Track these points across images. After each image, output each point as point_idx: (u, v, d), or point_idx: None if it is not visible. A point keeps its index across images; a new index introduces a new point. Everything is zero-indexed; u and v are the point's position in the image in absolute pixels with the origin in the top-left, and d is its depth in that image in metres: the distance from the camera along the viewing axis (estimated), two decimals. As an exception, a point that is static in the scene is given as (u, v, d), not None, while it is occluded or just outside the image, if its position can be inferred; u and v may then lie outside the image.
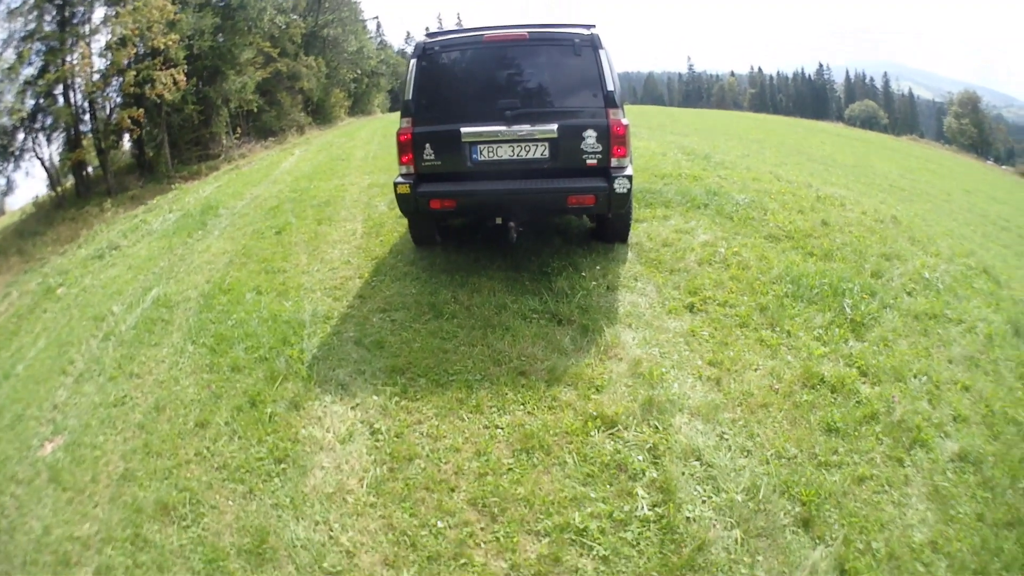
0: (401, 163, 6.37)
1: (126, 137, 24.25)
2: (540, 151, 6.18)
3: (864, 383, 4.87)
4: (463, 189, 6.26)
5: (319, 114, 39.92)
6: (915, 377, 4.97)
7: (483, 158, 6.23)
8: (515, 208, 6.42)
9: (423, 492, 3.95)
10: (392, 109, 55.85)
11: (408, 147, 6.30)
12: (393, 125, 24.17)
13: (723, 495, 3.80)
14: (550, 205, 6.39)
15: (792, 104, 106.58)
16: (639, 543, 3.53)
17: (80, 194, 22.97)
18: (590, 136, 6.08)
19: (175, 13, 23.12)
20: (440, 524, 3.71)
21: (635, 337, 5.45)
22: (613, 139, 6.09)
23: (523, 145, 6.17)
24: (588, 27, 6.37)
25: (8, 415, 5.90)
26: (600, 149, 6.11)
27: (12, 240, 19.29)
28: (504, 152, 6.20)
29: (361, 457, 4.30)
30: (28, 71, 21.28)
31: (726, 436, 4.29)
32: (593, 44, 6.19)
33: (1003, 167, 59.64)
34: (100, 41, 23.04)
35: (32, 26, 21.32)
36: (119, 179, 23.75)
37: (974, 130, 71.64)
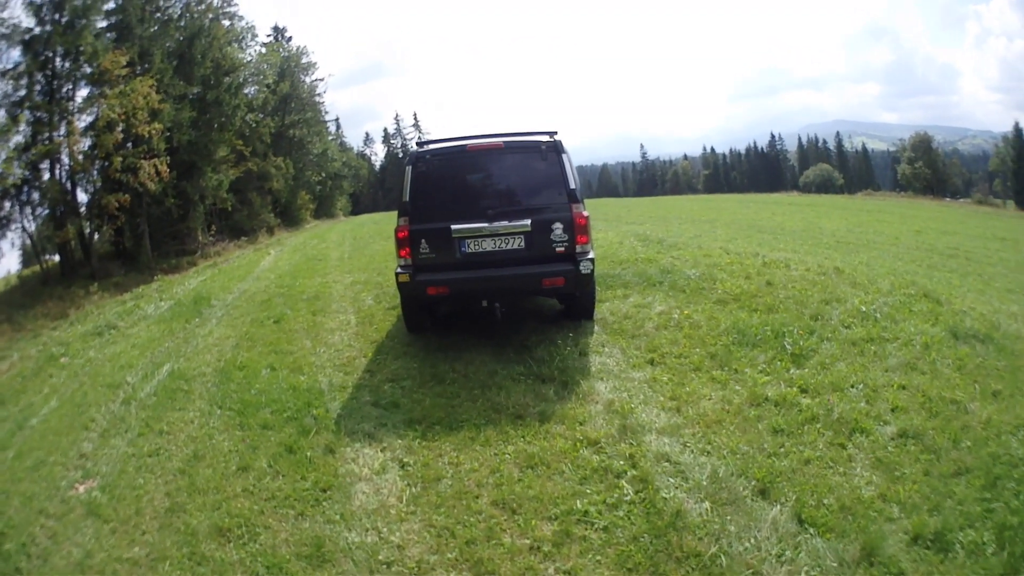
0: (400, 256, 7.42)
1: (107, 223, 24.30)
2: (517, 243, 7.32)
3: (804, 397, 5.89)
4: (455, 277, 7.32)
5: (287, 216, 41.04)
6: (852, 387, 6.00)
7: (470, 250, 7.33)
8: (499, 291, 7.54)
9: (453, 500, 4.79)
10: (354, 212, 57.10)
11: (406, 242, 7.36)
12: (359, 228, 25.55)
13: (691, 481, 4.76)
14: (528, 287, 7.58)
15: (747, 180, 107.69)
16: (630, 517, 4.45)
17: (64, 274, 23.10)
18: (558, 228, 7.27)
19: (158, 102, 23.84)
20: (471, 520, 4.55)
21: (607, 386, 6.49)
22: (577, 229, 7.29)
23: (503, 238, 7.31)
24: (552, 134, 7.63)
25: (29, 460, 6.28)
26: (567, 238, 7.29)
27: (1, 309, 19.44)
28: (487, 244, 7.32)
29: (396, 482, 5.11)
30: (17, 139, 21.53)
31: (688, 444, 5.29)
32: (557, 149, 7.45)
33: (960, 200, 61.57)
34: (85, 121, 23.57)
35: (23, 92, 21.85)
36: (101, 264, 24.06)
37: (928, 171, 73.39)
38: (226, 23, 32.70)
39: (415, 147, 7.88)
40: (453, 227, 7.27)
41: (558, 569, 4.04)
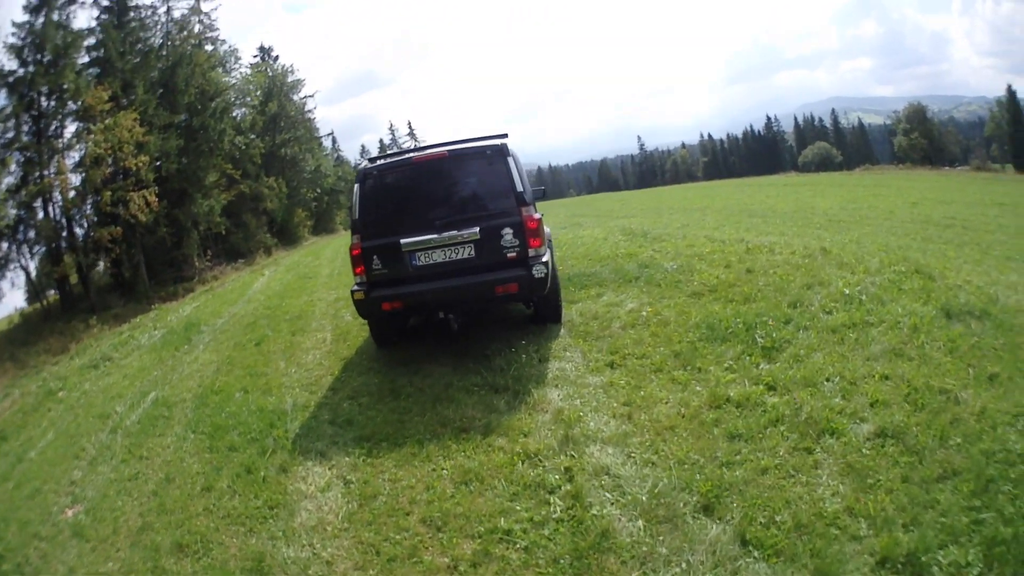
0: (355, 273, 7.43)
1: (103, 256, 24.86)
2: (467, 251, 7.20)
3: (771, 396, 5.53)
4: (407, 291, 7.25)
5: (284, 234, 41.42)
6: (827, 380, 5.59)
7: (421, 263, 7.26)
8: (452, 302, 7.41)
9: (385, 518, 4.83)
10: (355, 225, 58.47)
11: (360, 259, 7.37)
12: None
13: (628, 496, 4.53)
14: (481, 296, 7.36)
15: (746, 164, 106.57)
16: (554, 536, 4.29)
17: (64, 308, 23.68)
18: (507, 233, 7.13)
19: (143, 134, 24.27)
20: (397, 537, 4.57)
21: (560, 394, 6.33)
22: (528, 232, 7.14)
23: (453, 248, 7.20)
24: (500, 137, 7.48)
25: (27, 489, 6.89)
26: (517, 243, 7.15)
27: (4, 347, 20.18)
28: (438, 256, 7.23)
29: (337, 500, 5.20)
30: (7, 180, 22.17)
31: (633, 455, 5.04)
32: (503, 153, 7.30)
33: (958, 168, 60.46)
34: (74, 157, 24.16)
35: (11, 135, 22.36)
36: (100, 297, 24.53)
37: (924, 142, 72.87)
38: (208, 48, 33.31)
39: (366, 163, 7.84)
40: (402, 241, 7.20)
41: (472, 591, 3.97)
